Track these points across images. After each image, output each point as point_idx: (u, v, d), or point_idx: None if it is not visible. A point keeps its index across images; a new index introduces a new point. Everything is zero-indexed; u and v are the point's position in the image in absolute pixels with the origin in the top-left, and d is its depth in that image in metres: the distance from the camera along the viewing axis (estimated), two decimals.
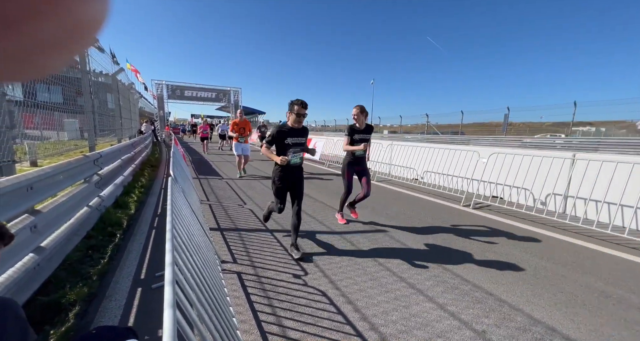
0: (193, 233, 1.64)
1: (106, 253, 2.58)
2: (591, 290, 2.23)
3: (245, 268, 2.40)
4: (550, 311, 1.95)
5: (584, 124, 19.03)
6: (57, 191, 2.52)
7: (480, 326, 1.79)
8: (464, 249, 2.93)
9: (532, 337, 1.70)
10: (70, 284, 2.03)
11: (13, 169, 2.40)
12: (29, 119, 3.00)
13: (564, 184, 4.17)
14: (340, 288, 2.16)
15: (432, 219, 3.85)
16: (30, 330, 0.79)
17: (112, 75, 6.63)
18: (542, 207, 4.30)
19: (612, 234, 3.31)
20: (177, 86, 22.50)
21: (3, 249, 0.82)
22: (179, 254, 0.98)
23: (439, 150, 6.13)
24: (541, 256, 2.81)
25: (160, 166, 8.41)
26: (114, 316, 1.79)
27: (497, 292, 2.16)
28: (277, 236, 3.13)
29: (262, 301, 1.98)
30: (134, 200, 4.33)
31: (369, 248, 2.90)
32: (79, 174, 3.03)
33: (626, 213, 3.55)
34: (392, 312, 1.90)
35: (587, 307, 2.00)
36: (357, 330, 1.73)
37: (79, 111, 4.38)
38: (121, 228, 3.21)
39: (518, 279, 2.36)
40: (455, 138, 10.16)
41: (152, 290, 2.08)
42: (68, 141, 4.29)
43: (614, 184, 3.57)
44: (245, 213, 3.97)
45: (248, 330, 1.70)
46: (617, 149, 7.10)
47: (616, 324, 1.83)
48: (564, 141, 11.04)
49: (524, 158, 4.59)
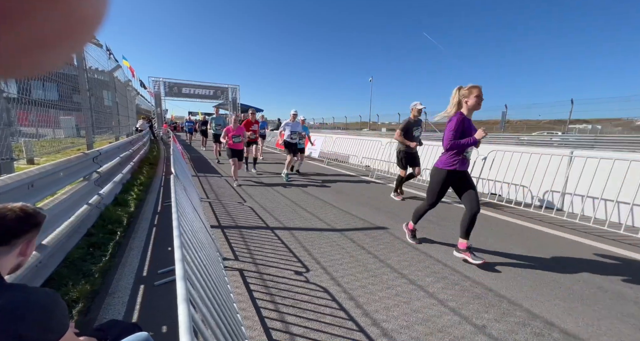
0: (196, 230, 1.65)
1: (107, 251, 2.58)
2: (588, 284, 2.26)
3: (247, 265, 2.41)
4: (549, 306, 1.99)
5: (581, 122, 19.17)
6: (57, 189, 2.51)
7: (480, 321, 1.82)
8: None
9: (531, 331, 1.73)
10: (72, 281, 2.03)
11: (12, 167, 2.38)
12: (24, 117, 2.98)
13: (561, 181, 4.22)
14: (342, 285, 2.18)
15: (431, 216, 3.87)
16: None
17: (108, 72, 6.57)
18: (540, 204, 4.35)
19: (608, 231, 3.36)
20: (175, 83, 22.32)
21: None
22: (186, 251, 0.98)
23: (438, 148, 6.16)
24: (539, 252, 2.85)
25: (159, 163, 8.37)
26: (118, 313, 1.80)
27: (497, 288, 2.20)
28: (278, 233, 3.14)
29: (264, 297, 1.99)
30: (133, 198, 4.31)
31: (369, 245, 2.92)
32: (78, 172, 3.02)
33: (622, 209, 3.60)
34: (393, 308, 1.93)
35: (585, 301, 2.04)
36: (359, 326, 1.75)
37: (75, 108, 4.34)
38: (121, 226, 3.20)
39: (517, 275, 2.40)
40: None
41: (155, 287, 2.09)
42: (65, 138, 4.25)
43: (611, 181, 3.62)
44: (245, 210, 3.97)
45: (251, 326, 1.71)
46: (613, 147, 7.16)
47: (613, 318, 1.87)
48: (560, 138, 11.14)
49: (522, 155, 4.62)
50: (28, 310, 0.72)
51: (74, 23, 0.10)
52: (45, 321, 0.75)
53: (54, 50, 0.10)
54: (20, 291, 0.77)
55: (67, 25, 0.10)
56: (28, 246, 0.86)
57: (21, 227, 0.83)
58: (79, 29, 0.11)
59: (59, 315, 0.79)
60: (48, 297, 0.78)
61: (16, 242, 0.82)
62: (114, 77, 7.01)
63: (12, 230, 0.81)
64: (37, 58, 0.10)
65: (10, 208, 0.83)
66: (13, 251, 0.82)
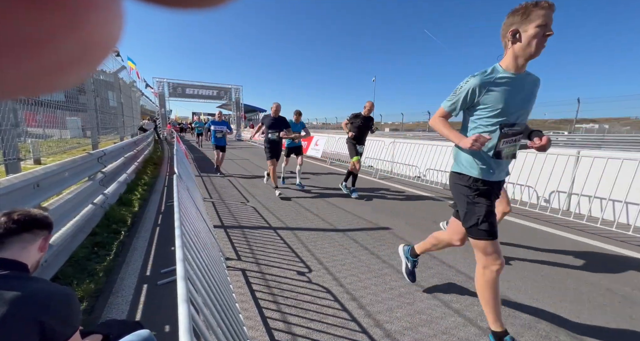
0: (199, 230, 1.65)
1: (111, 250, 2.60)
2: (596, 287, 2.22)
3: (249, 265, 2.41)
4: (556, 308, 1.95)
5: (587, 121, 18.90)
6: (63, 189, 2.53)
7: (485, 323, 1.79)
8: (467, 247, 2.93)
9: (537, 334, 1.70)
10: (77, 280, 2.05)
11: (18, 166, 2.41)
12: (32, 117, 3.02)
13: (568, 181, 4.15)
14: (345, 285, 2.17)
15: (435, 216, 3.84)
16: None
17: (113, 73, 6.63)
18: (546, 204, 4.29)
19: (616, 232, 3.30)
20: (179, 84, 22.46)
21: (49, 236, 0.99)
22: (188, 250, 0.98)
23: (442, 147, 6.11)
24: (545, 253, 2.81)
25: (163, 163, 8.43)
26: (121, 312, 1.81)
27: (502, 289, 2.16)
28: (281, 234, 3.14)
29: (266, 298, 1.99)
30: (137, 198, 4.35)
31: (372, 246, 2.90)
32: (83, 172, 3.05)
33: (631, 210, 3.53)
34: (396, 309, 1.91)
35: (593, 304, 2.00)
36: (362, 327, 1.73)
37: (81, 109, 4.39)
38: (125, 225, 3.23)
39: (522, 276, 2.36)
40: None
41: (158, 286, 2.10)
42: (71, 139, 4.30)
43: (619, 181, 3.55)
44: (248, 210, 3.98)
45: (253, 326, 1.71)
46: (620, 146, 7.03)
47: (622, 321, 1.83)
48: (567, 138, 10.98)
49: (528, 155, 4.56)
50: (52, 300, 0.79)
51: (92, 48, 0.11)
52: (65, 314, 0.81)
53: (74, 72, 0.11)
54: (45, 283, 0.85)
55: (85, 50, 0.11)
56: (45, 243, 0.96)
57: (43, 220, 0.95)
58: (96, 54, 0.11)
59: (76, 310, 0.86)
60: (68, 292, 0.86)
61: (38, 233, 0.92)
62: (118, 78, 7.08)
63: (35, 221, 0.92)
64: (55, 81, 0.11)
65: (32, 209, 0.99)
66: (35, 242, 0.92)
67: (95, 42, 0.11)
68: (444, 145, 6.14)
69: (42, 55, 0.10)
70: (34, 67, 0.10)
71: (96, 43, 0.11)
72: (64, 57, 0.10)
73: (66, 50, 0.10)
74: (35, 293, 0.77)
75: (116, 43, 0.12)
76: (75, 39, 0.10)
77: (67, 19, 0.10)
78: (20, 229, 0.89)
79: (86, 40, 0.10)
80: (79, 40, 0.10)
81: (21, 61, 0.10)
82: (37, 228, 0.93)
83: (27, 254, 0.89)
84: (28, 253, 0.89)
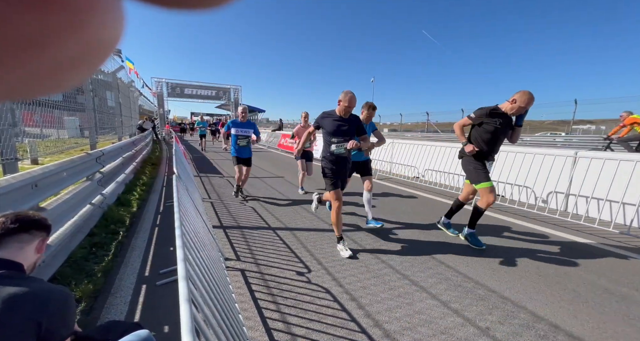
0: (198, 230, 1.65)
1: (110, 250, 2.59)
2: (594, 287, 2.24)
3: (248, 266, 2.41)
4: (554, 308, 1.96)
5: (585, 123, 19.03)
6: (61, 189, 2.52)
7: (484, 323, 1.80)
8: (466, 247, 2.94)
9: (535, 334, 1.71)
10: (75, 280, 2.04)
11: (16, 166, 2.40)
12: (29, 117, 3.00)
13: (565, 182, 4.18)
14: (344, 286, 2.17)
15: (434, 217, 3.85)
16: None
17: (111, 73, 6.61)
18: (543, 205, 4.31)
19: (614, 232, 3.32)
20: (177, 84, 22.42)
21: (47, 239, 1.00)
22: (189, 251, 0.98)
23: (440, 148, 6.13)
24: (543, 253, 2.82)
25: (161, 164, 8.41)
26: (120, 312, 1.80)
27: (500, 289, 2.17)
28: (280, 234, 3.14)
29: (266, 298, 1.99)
30: (135, 198, 4.33)
31: (371, 246, 2.91)
32: (81, 172, 3.03)
33: (628, 211, 3.56)
34: (395, 309, 1.91)
35: (590, 304, 2.01)
36: (361, 327, 1.74)
37: (79, 108, 4.37)
38: (124, 226, 3.21)
39: (521, 276, 2.37)
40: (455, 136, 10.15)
41: (157, 287, 2.09)
42: (68, 139, 4.28)
43: (616, 182, 3.58)
44: (247, 210, 3.97)
45: (253, 326, 1.71)
46: (616, 147, 7.08)
47: (620, 321, 1.84)
48: (564, 139, 11.05)
49: (526, 156, 4.59)
50: (51, 300, 0.79)
51: (93, 48, 0.11)
52: (63, 314, 0.82)
53: (75, 72, 0.11)
54: (42, 283, 0.86)
55: (86, 51, 0.11)
56: (43, 244, 0.96)
57: (41, 222, 0.96)
58: (97, 54, 0.11)
59: (73, 311, 0.87)
60: (66, 293, 0.87)
61: (36, 234, 0.93)
62: (117, 78, 7.05)
63: (33, 222, 0.93)
64: (56, 81, 0.11)
65: (30, 211, 1.00)
66: (33, 243, 0.92)
67: (97, 43, 0.11)
68: (442, 146, 6.16)
69: (44, 56, 0.10)
70: (35, 68, 0.10)
71: (97, 44, 0.11)
72: (66, 58, 0.10)
73: (68, 51, 0.10)
74: (32, 292, 0.77)
75: (117, 44, 0.12)
76: (76, 40, 0.10)
77: (68, 20, 0.10)
78: (18, 229, 0.89)
79: (87, 41, 0.11)
80: (80, 41, 0.10)
81: (23, 62, 0.10)
82: (35, 229, 0.93)
83: (23, 254, 0.89)
84: (25, 253, 0.89)
